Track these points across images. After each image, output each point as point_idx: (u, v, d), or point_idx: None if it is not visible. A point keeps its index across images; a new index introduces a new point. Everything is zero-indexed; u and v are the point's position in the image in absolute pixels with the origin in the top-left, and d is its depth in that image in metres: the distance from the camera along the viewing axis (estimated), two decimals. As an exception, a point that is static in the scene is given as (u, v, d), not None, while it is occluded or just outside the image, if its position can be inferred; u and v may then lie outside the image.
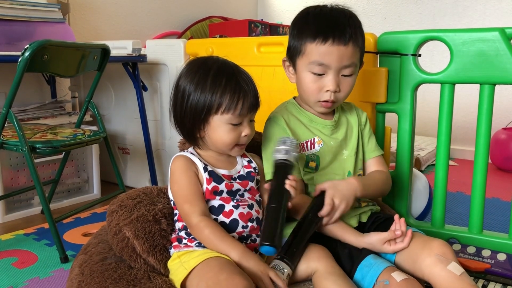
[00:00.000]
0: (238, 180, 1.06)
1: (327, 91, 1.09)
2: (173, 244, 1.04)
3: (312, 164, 1.14)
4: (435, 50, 2.08)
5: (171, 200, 1.07)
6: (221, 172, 1.04)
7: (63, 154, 2.02)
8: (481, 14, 2.92)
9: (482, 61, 1.30)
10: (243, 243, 0.98)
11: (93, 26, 2.75)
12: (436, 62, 1.79)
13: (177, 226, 1.06)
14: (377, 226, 1.12)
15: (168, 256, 1.04)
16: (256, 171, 1.10)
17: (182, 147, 1.21)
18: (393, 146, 1.55)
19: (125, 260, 1.03)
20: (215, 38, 2.46)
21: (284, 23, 3.32)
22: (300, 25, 1.13)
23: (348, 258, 1.03)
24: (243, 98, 1.00)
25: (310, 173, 1.14)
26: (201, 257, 0.93)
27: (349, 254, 1.04)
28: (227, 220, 1.00)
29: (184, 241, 1.01)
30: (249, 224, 1.01)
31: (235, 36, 2.60)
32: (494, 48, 1.28)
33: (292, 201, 1.00)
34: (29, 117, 2.14)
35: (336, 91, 1.09)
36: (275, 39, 1.85)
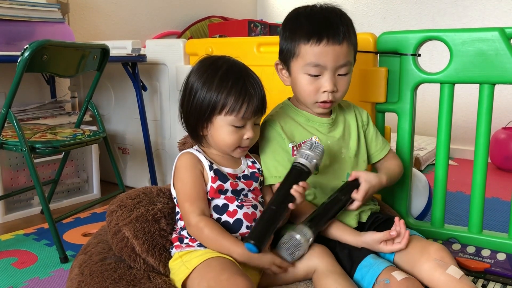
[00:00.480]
0: (243, 180, 1.06)
1: (325, 92, 1.08)
2: (175, 244, 1.04)
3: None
4: (435, 50, 2.08)
5: (174, 198, 1.07)
6: (227, 171, 1.04)
7: (63, 154, 2.02)
8: (481, 14, 2.92)
9: (482, 61, 1.30)
10: None
11: (93, 26, 2.75)
12: (436, 62, 1.79)
13: (179, 225, 1.06)
14: (377, 226, 1.12)
15: (168, 256, 1.04)
16: (260, 172, 1.10)
17: (182, 147, 1.20)
18: (393, 146, 1.55)
19: (125, 260, 1.03)
20: (215, 38, 2.45)
21: (284, 23, 3.31)
22: (292, 27, 1.11)
23: (348, 258, 1.03)
24: (248, 101, 0.99)
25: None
26: (203, 257, 0.93)
27: (349, 254, 1.04)
28: (231, 220, 1.00)
29: (186, 241, 1.01)
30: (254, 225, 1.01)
31: (235, 36, 2.59)
32: (494, 48, 1.28)
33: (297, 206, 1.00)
34: (29, 117, 2.13)
35: (334, 91, 1.09)
36: (275, 39, 1.83)
